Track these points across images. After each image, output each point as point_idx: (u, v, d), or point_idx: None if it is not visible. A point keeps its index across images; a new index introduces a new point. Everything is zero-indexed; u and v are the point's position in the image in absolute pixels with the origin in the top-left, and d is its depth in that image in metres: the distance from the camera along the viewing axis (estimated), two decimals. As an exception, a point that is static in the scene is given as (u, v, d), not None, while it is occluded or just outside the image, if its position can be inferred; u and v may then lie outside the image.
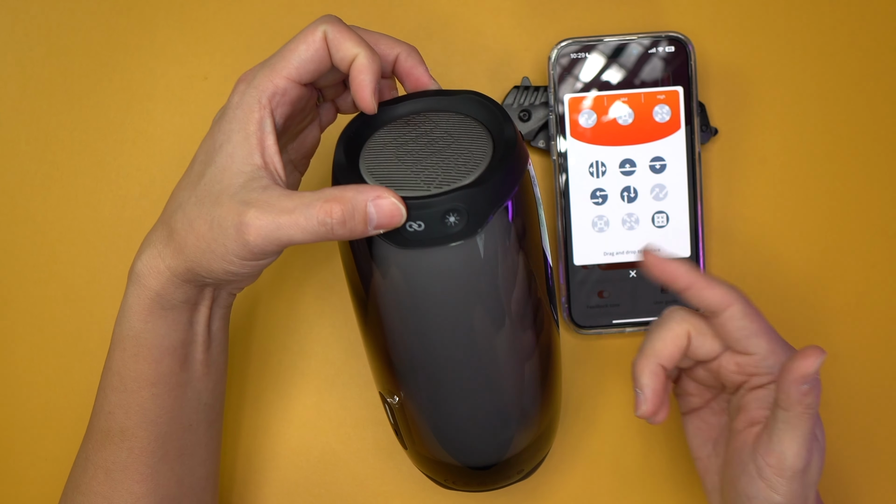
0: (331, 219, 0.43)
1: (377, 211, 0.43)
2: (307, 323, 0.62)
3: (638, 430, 0.62)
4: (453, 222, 0.44)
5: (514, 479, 0.54)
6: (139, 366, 0.49)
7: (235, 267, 0.45)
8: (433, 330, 0.47)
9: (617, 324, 0.61)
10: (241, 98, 0.46)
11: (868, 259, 0.63)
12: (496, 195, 0.45)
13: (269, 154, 0.46)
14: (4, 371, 0.62)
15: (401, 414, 0.51)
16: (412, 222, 0.44)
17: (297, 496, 0.61)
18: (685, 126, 0.61)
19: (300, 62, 0.46)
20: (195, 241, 0.45)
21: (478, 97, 0.49)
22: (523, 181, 0.47)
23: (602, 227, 0.61)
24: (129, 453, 0.49)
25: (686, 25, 0.63)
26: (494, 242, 0.45)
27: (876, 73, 0.63)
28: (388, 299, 0.47)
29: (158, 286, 0.47)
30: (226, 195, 0.45)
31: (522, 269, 0.47)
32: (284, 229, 0.43)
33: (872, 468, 0.61)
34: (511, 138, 0.46)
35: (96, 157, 0.63)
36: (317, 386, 0.62)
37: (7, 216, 0.63)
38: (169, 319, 0.48)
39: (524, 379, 0.50)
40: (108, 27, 0.63)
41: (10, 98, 0.63)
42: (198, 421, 0.51)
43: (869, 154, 0.63)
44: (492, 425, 0.50)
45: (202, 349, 0.50)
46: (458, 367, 0.48)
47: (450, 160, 0.46)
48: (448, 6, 0.63)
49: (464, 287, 0.46)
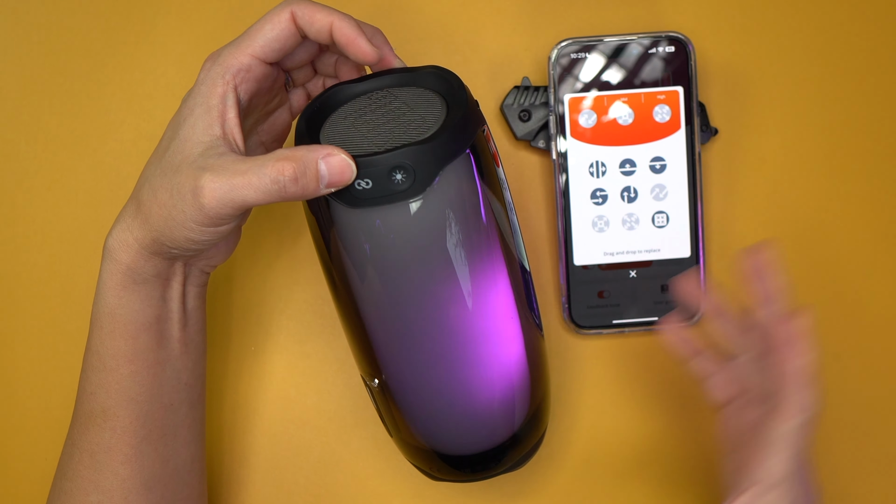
0: (283, 176, 0.44)
1: (328, 168, 0.44)
2: (307, 323, 0.62)
3: (638, 431, 0.62)
4: (400, 180, 0.45)
5: (500, 468, 0.54)
6: (116, 342, 0.50)
7: (195, 234, 0.47)
8: (395, 295, 0.48)
9: (617, 324, 0.61)
10: (206, 75, 0.48)
11: (868, 259, 0.63)
12: (443, 153, 0.46)
13: (230, 126, 0.47)
14: (4, 371, 0.62)
15: (381, 397, 0.52)
16: (360, 180, 0.45)
17: (297, 496, 0.61)
18: (685, 126, 0.61)
19: (265, 41, 0.48)
20: (158, 209, 0.47)
21: (437, 70, 0.50)
22: (478, 145, 0.47)
23: (602, 227, 0.61)
24: (111, 434, 0.50)
25: (686, 25, 0.63)
26: (443, 201, 0.46)
27: (876, 73, 0.63)
28: (347, 263, 0.48)
29: (129, 259, 0.49)
30: (185, 164, 0.46)
31: (479, 230, 0.48)
32: (238, 189, 0.44)
33: (872, 468, 0.61)
34: (462, 102, 0.47)
35: (96, 157, 0.63)
36: (316, 386, 0.62)
37: (7, 216, 0.63)
38: (142, 294, 0.49)
39: (495, 350, 0.50)
40: (108, 27, 0.63)
41: (10, 98, 0.63)
42: (179, 401, 0.52)
43: (869, 154, 0.63)
44: (470, 404, 0.50)
45: (178, 327, 0.51)
46: (426, 337, 0.48)
47: (404, 126, 0.48)
48: (448, 6, 0.63)
49: (417, 247, 0.46)
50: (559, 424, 0.62)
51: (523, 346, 0.51)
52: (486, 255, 0.48)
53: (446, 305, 0.48)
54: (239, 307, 0.62)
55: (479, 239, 0.48)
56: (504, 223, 0.50)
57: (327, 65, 0.54)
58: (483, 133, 0.48)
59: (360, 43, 0.49)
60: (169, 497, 0.52)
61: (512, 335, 0.50)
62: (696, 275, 0.52)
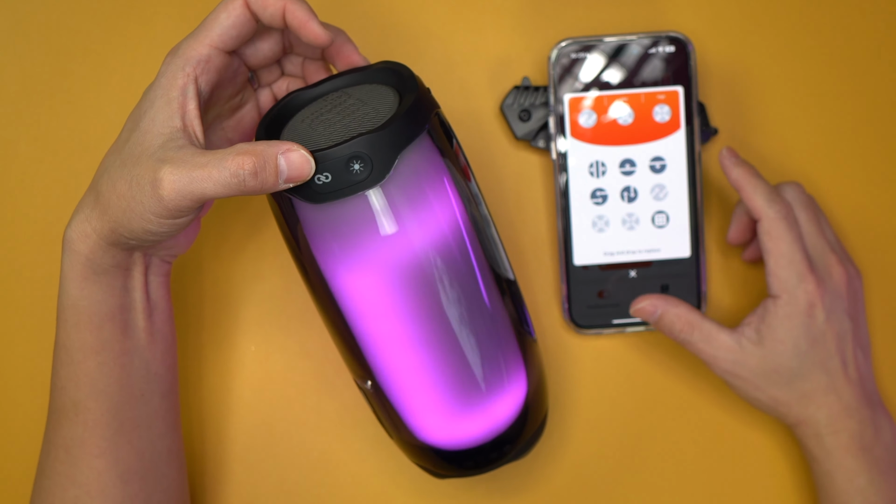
0: (243, 170, 0.45)
1: (287, 163, 0.45)
2: (307, 320, 0.62)
3: (638, 430, 0.62)
4: (358, 170, 0.45)
5: (503, 459, 0.53)
6: (81, 335, 0.50)
7: (154, 226, 0.47)
8: (372, 290, 0.48)
9: (617, 324, 0.61)
10: (167, 67, 0.49)
11: (868, 259, 0.63)
12: (398, 139, 0.46)
13: (190, 118, 0.48)
14: (4, 371, 0.62)
15: (375, 399, 0.52)
16: (319, 175, 0.46)
17: (297, 496, 0.61)
18: (685, 126, 0.61)
19: (222, 29, 0.49)
20: (117, 200, 0.47)
21: (388, 65, 0.51)
22: (433, 130, 0.48)
23: (602, 227, 0.61)
24: (84, 427, 0.51)
25: (686, 25, 0.63)
26: (405, 187, 0.46)
27: (876, 72, 0.63)
28: (319, 262, 0.48)
29: (87, 250, 0.49)
30: (145, 155, 0.46)
31: (448, 215, 0.48)
32: (197, 182, 0.45)
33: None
34: (413, 90, 0.48)
35: (96, 156, 0.63)
36: (316, 386, 0.62)
37: (7, 216, 0.63)
38: (103, 284, 0.50)
39: (479, 335, 0.50)
40: (108, 27, 0.63)
41: (10, 98, 0.63)
42: (150, 391, 0.52)
43: (869, 154, 0.63)
44: (460, 396, 0.50)
45: (143, 316, 0.52)
46: (409, 333, 0.48)
47: (359, 120, 0.48)
48: (448, 6, 0.63)
49: (386, 237, 0.47)
50: (559, 424, 0.62)
51: (510, 327, 0.52)
52: (459, 238, 0.49)
53: (424, 297, 0.48)
54: (236, 307, 0.62)
55: (449, 221, 0.48)
56: (473, 205, 0.50)
57: (294, 65, 0.55)
58: (437, 116, 0.49)
59: (312, 26, 0.49)
60: (147, 489, 0.52)
61: (496, 316, 0.51)
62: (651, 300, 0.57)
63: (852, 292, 0.56)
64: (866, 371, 0.56)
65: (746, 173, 0.55)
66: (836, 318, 0.55)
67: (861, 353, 0.56)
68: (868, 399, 0.55)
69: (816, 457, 0.56)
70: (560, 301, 0.62)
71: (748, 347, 0.55)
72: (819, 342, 0.54)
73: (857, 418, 0.55)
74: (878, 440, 0.55)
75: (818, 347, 0.54)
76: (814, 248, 0.56)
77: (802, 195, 0.57)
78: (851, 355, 0.55)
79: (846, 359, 0.55)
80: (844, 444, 0.54)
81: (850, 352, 0.55)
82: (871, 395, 0.56)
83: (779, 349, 0.54)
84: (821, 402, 0.55)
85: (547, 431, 0.62)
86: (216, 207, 0.63)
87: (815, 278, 0.54)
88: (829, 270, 0.55)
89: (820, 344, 0.54)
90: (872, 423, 0.55)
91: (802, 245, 0.55)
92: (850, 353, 0.55)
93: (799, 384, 0.55)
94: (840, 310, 0.55)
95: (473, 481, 0.61)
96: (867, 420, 0.55)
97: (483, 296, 0.50)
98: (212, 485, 0.61)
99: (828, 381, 0.55)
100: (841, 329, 0.55)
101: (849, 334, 0.55)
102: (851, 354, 0.55)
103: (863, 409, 0.55)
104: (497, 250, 0.52)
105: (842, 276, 0.55)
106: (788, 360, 0.54)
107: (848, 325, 0.55)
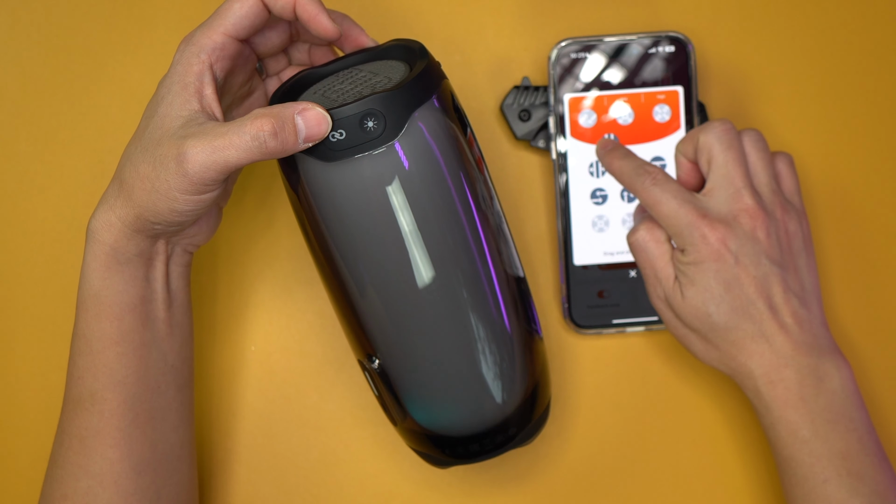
0: (263, 132, 0.46)
1: (304, 121, 0.46)
2: (307, 320, 0.62)
3: (638, 430, 0.62)
4: (372, 127, 0.46)
5: (508, 443, 0.53)
6: (102, 325, 0.50)
7: (180, 204, 0.48)
8: (382, 254, 0.48)
9: (617, 324, 0.61)
10: (181, 55, 0.50)
11: (869, 259, 0.63)
12: (410, 99, 0.47)
13: (208, 101, 0.49)
14: (4, 371, 0.62)
15: (380, 381, 0.52)
16: (334, 132, 0.47)
17: (298, 496, 0.61)
18: (685, 126, 0.61)
19: (236, 19, 0.50)
20: (141, 183, 0.48)
21: (399, 42, 0.52)
22: (443, 96, 0.49)
23: (602, 227, 0.61)
24: (99, 417, 0.51)
25: (686, 25, 0.63)
26: (418, 146, 0.47)
27: (876, 72, 0.63)
28: (329, 222, 0.49)
29: (112, 239, 0.49)
30: (166, 136, 0.48)
31: (460, 176, 0.49)
32: (220, 151, 0.46)
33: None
34: (423, 56, 0.49)
35: (96, 156, 0.63)
36: (317, 386, 0.62)
37: (7, 216, 0.63)
38: (126, 274, 0.50)
39: (484, 307, 0.50)
40: (108, 27, 0.63)
41: (10, 98, 0.63)
42: (166, 383, 0.53)
43: (869, 154, 0.63)
44: (465, 378, 0.50)
45: (163, 307, 0.52)
46: (418, 304, 0.49)
47: (371, 88, 0.49)
48: (448, 6, 0.63)
49: (398, 196, 0.47)
50: (559, 423, 0.62)
51: (515, 307, 0.52)
52: (469, 201, 0.49)
53: (434, 257, 0.48)
54: (236, 307, 0.62)
55: (459, 181, 0.49)
56: (482, 170, 0.51)
57: (301, 52, 0.56)
58: (446, 86, 0.50)
59: (322, 19, 0.50)
60: (159, 482, 0.52)
61: (498, 283, 0.51)
62: None
63: (781, 236, 0.54)
64: (807, 317, 0.53)
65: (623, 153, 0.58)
66: (750, 261, 0.53)
67: (797, 299, 0.53)
68: (809, 347, 0.53)
69: (759, 410, 0.54)
70: (560, 301, 0.62)
71: (675, 299, 0.54)
72: (734, 286, 0.53)
73: (793, 367, 0.52)
74: (821, 389, 0.52)
75: (734, 292, 0.53)
76: (723, 193, 0.54)
77: (727, 134, 0.55)
78: (782, 300, 0.53)
79: (774, 304, 0.53)
80: (782, 395, 0.52)
81: (781, 297, 0.53)
82: (813, 343, 0.53)
83: (694, 294, 0.53)
84: (751, 350, 0.53)
85: (547, 432, 0.62)
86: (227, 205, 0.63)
87: (708, 223, 0.53)
88: (735, 216, 0.53)
89: (735, 288, 0.53)
90: (813, 371, 0.52)
91: (690, 195, 0.54)
92: (781, 297, 0.53)
93: (723, 332, 0.53)
94: (755, 252, 0.53)
95: (474, 482, 0.61)
96: (806, 369, 0.52)
97: (491, 270, 0.50)
98: (212, 484, 0.61)
99: (754, 328, 0.53)
100: (759, 273, 0.53)
101: (773, 277, 0.53)
102: (782, 299, 0.53)
103: (801, 357, 0.52)
104: (508, 245, 0.52)
105: (757, 219, 0.53)
106: (704, 304, 0.53)
107: (770, 269, 0.53)
